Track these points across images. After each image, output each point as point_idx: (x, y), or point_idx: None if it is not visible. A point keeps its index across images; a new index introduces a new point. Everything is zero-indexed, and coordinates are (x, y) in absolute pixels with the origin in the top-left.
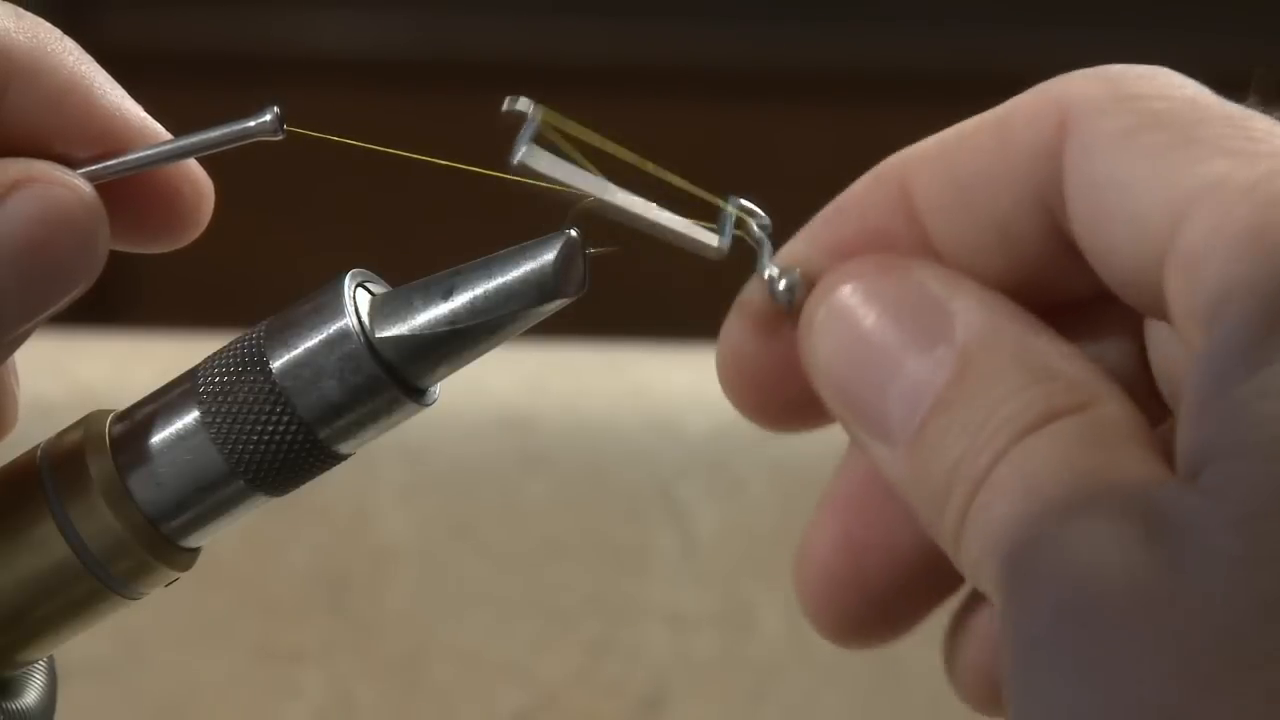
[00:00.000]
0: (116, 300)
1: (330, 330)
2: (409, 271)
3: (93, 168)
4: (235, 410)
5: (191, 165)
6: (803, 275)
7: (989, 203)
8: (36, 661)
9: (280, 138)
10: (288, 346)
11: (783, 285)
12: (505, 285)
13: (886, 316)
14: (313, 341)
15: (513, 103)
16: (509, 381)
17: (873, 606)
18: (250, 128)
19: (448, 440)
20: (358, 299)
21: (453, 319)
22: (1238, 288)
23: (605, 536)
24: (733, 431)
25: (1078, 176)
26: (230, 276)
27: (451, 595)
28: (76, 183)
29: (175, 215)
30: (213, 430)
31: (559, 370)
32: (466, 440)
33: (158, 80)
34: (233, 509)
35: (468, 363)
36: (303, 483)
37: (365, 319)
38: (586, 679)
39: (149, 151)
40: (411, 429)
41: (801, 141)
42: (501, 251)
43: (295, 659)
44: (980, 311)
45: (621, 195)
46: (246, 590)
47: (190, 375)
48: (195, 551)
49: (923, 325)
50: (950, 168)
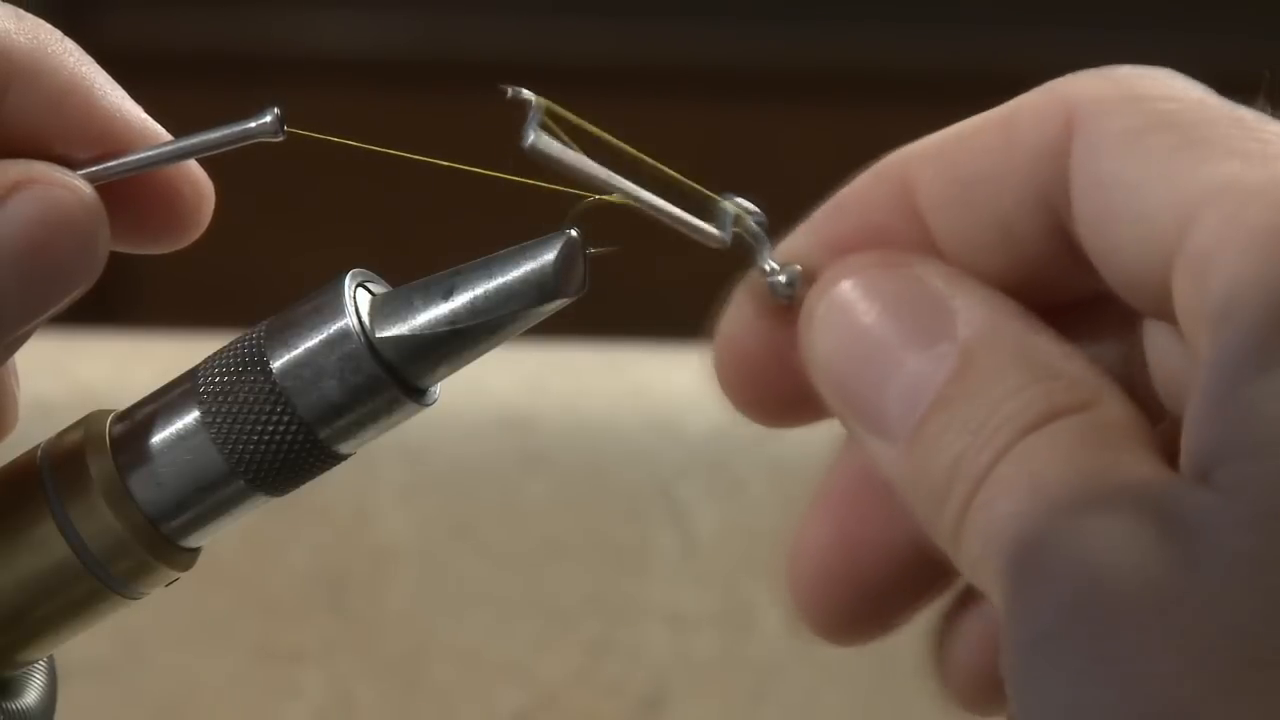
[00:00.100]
0: (116, 300)
1: (330, 330)
2: (409, 271)
3: (93, 169)
4: (235, 410)
5: (192, 166)
6: (803, 270)
7: (992, 201)
8: (36, 661)
9: (281, 139)
10: (288, 346)
11: (782, 279)
12: (505, 285)
13: (887, 312)
14: (313, 341)
15: (515, 92)
16: (509, 381)
17: (864, 603)
18: (250, 129)
19: (448, 440)
20: (358, 299)
21: (453, 319)
22: (1249, 288)
23: (605, 536)
24: (733, 431)
25: (1084, 176)
26: (230, 276)
27: (451, 595)
28: (77, 184)
29: (175, 216)
30: (213, 430)
31: (559, 370)
32: (466, 440)
33: (158, 80)
34: (233, 509)
35: (468, 363)
36: (303, 483)
37: (365, 319)
38: (586, 679)
39: (149, 152)
40: (411, 429)
41: (801, 141)
42: (501, 251)
43: (295, 659)
44: (981, 309)
45: (626, 185)
46: (246, 590)
47: (190, 375)
48: (195, 551)
49: (924, 322)
50: (954, 165)
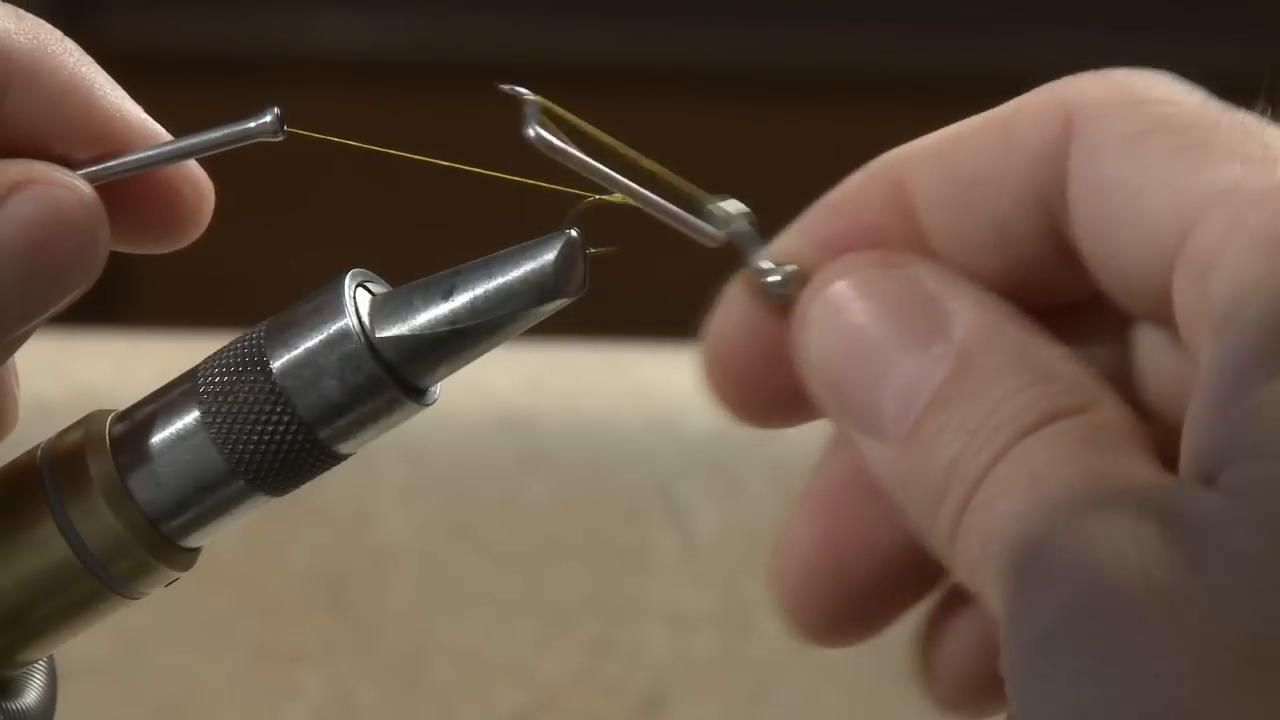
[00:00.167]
0: (116, 300)
1: (330, 330)
2: (409, 271)
3: (93, 169)
4: (235, 410)
5: (192, 166)
6: (797, 270)
7: (989, 202)
8: (36, 661)
9: (281, 138)
10: (288, 346)
11: (776, 279)
12: (505, 285)
13: (883, 313)
14: (313, 341)
15: (512, 90)
16: (509, 381)
17: (851, 603)
18: (250, 128)
19: (448, 440)
20: (358, 299)
21: (453, 319)
22: (1254, 292)
23: (605, 536)
24: (733, 431)
25: (1083, 179)
26: (230, 276)
27: (451, 595)
28: (77, 184)
29: (175, 216)
30: (213, 430)
31: (559, 370)
32: (466, 440)
33: (158, 80)
34: (233, 509)
35: (468, 363)
36: (303, 483)
37: (365, 319)
38: (586, 679)
39: (149, 152)
40: (411, 429)
41: (801, 141)
42: (501, 251)
43: (295, 659)
44: (978, 310)
45: (624, 180)
46: (246, 590)
47: (190, 375)
48: (195, 551)
49: (919, 322)
50: (950, 166)
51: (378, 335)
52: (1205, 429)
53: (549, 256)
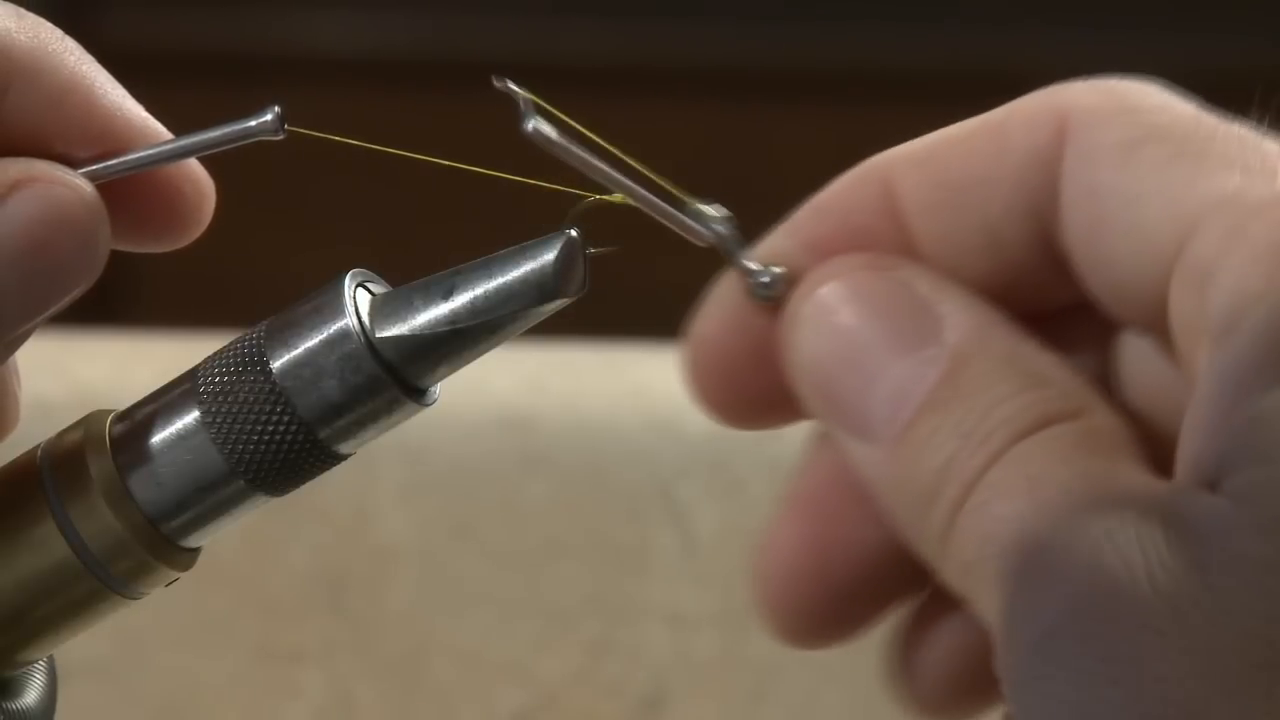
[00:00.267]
0: (116, 300)
1: (330, 330)
2: (409, 271)
3: (94, 167)
4: (235, 410)
5: (193, 165)
6: (785, 271)
7: (980, 206)
8: (36, 661)
9: (281, 137)
10: (288, 346)
11: (765, 280)
12: (505, 285)
13: (874, 315)
14: (313, 341)
15: (503, 84)
16: (509, 381)
17: (832, 605)
18: (251, 127)
19: (448, 440)
20: (358, 299)
21: (453, 319)
22: (1255, 302)
23: (605, 536)
24: (733, 431)
25: (1077, 185)
26: (230, 276)
27: (451, 595)
28: (77, 182)
29: (176, 215)
30: (213, 430)
31: (559, 370)
32: (466, 440)
33: (158, 80)
34: (233, 509)
35: (468, 363)
36: (303, 483)
37: (365, 319)
38: (586, 679)
39: (150, 151)
40: (411, 429)
41: (800, 141)
42: (501, 251)
43: (295, 659)
44: (969, 315)
45: (621, 178)
46: (246, 590)
47: (190, 375)
48: (195, 551)
49: (911, 326)
50: (941, 170)
51: (378, 335)
52: (1206, 435)
53: (549, 256)
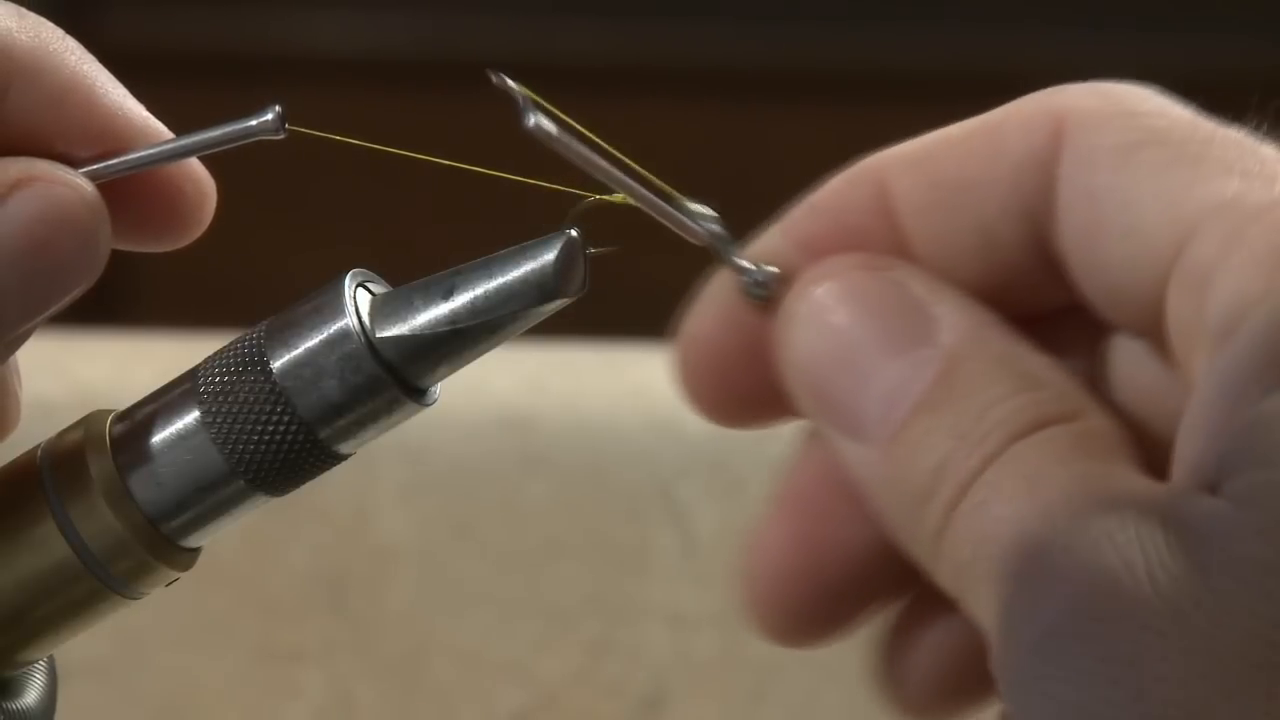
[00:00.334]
0: (116, 300)
1: (331, 330)
2: (409, 271)
3: (94, 167)
4: (235, 410)
5: (193, 164)
6: (778, 271)
7: (974, 208)
8: (36, 661)
9: (282, 137)
10: (288, 346)
11: (758, 279)
12: (505, 285)
13: (868, 315)
14: (313, 341)
15: (500, 80)
16: (509, 381)
17: (820, 604)
18: (252, 127)
19: (448, 440)
20: (358, 299)
21: (453, 319)
22: (1255, 305)
23: (605, 536)
24: (733, 431)
25: (1073, 188)
26: (230, 276)
27: (451, 595)
28: (78, 182)
29: (177, 214)
30: (213, 430)
31: (559, 370)
32: (466, 440)
33: (158, 80)
34: (233, 509)
35: (468, 363)
36: (303, 483)
37: (366, 319)
38: (586, 679)
39: (151, 150)
40: (411, 429)
41: (800, 141)
42: (502, 251)
43: (295, 659)
44: (963, 316)
45: (620, 176)
46: (246, 590)
47: (190, 375)
48: (195, 551)
49: (905, 326)
50: (936, 171)
51: (378, 335)
52: (1206, 437)
53: (549, 256)
